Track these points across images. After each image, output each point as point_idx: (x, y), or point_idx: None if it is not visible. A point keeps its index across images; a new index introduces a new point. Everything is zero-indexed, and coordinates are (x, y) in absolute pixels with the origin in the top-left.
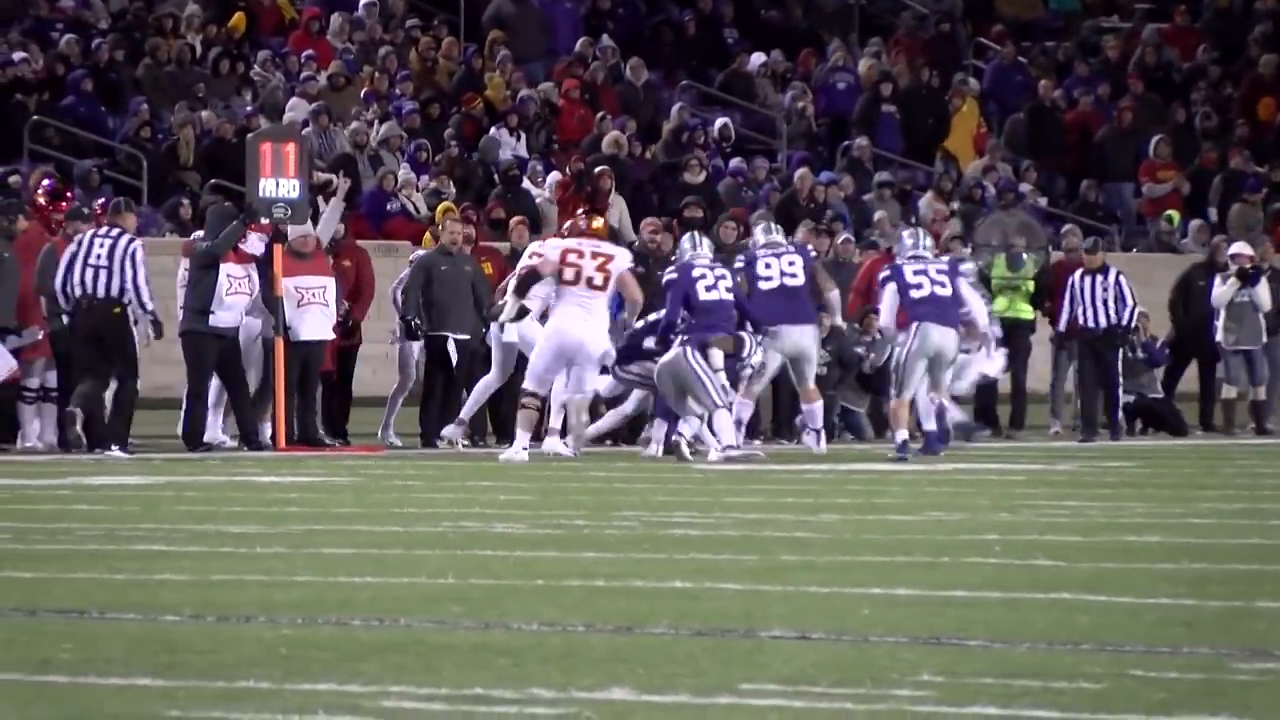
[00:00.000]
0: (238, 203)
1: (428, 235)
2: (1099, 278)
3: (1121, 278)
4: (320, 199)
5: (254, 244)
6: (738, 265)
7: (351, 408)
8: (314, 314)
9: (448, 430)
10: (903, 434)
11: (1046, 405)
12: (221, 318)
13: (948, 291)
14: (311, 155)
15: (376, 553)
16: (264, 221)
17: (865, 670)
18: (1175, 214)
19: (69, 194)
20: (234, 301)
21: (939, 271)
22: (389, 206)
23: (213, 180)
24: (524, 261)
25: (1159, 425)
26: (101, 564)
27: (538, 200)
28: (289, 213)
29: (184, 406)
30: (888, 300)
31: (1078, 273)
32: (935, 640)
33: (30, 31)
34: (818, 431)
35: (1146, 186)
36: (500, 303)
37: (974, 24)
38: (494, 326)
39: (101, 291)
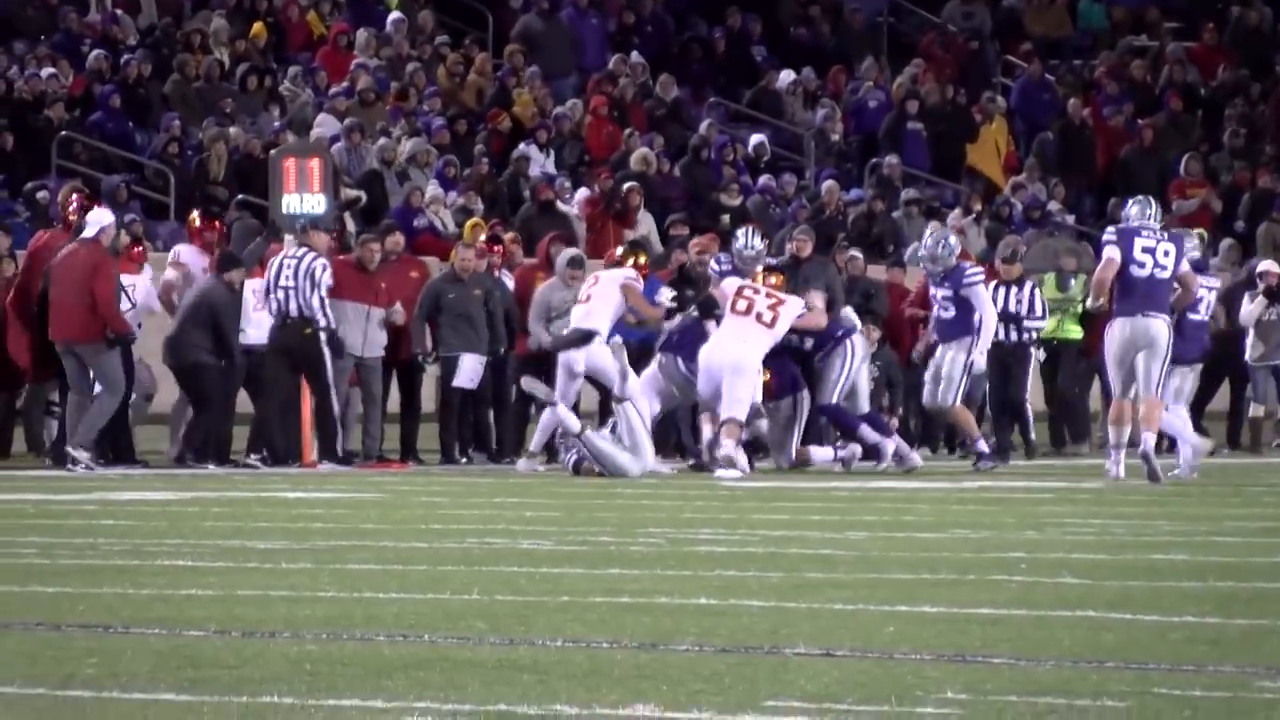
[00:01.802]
0: (264, 219)
1: (455, 252)
2: (1014, 289)
3: (1036, 290)
4: (348, 215)
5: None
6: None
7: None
8: None
9: (521, 464)
10: (982, 443)
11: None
12: (249, 334)
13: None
14: (338, 171)
15: (402, 569)
16: (287, 238)
17: (890, 688)
18: (1204, 232)
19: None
20: (260, 318)
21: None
22: (416, 223)
23: (239, 196)
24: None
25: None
26: (127, 579)
27: (572, 217)
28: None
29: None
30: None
31: (991, 284)
32: (960, 658)
33: (59, 47)
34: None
35: (1176, 203)
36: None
37: (1002, 42)
38: (565, 356)
39: (294, 311)
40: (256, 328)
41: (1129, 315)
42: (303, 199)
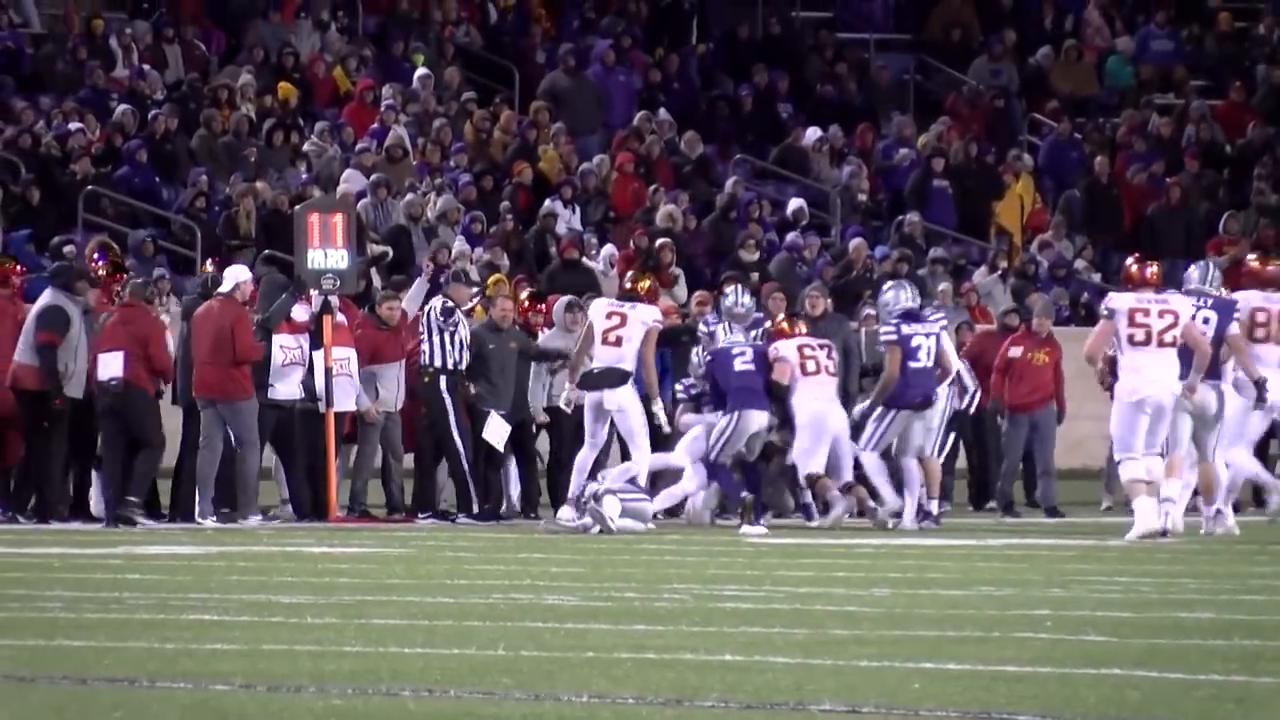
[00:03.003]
0: (290, 273)
1: (479, 307)
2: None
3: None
4: (376, 270)
5: (298, 312)
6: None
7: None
8: (343, 384)
9: (563, 512)
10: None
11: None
12: (279, 389)
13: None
14: (365, 227)
15: (427, 623)
16: (312, 294)
17: None
18: None
19: (125, 264)
20: (289, 372)
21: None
22: (442, 279)
23: (265, 251)
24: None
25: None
26: (153, 633)
27: (598, 272)
28: (338, 284)
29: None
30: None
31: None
32: (986, 715)
33: (86, 101)
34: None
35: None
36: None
37: (1029, 100)
38: (594, 396)
39: (424, 360)
40: (284, 382)
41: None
42: (326, 254)
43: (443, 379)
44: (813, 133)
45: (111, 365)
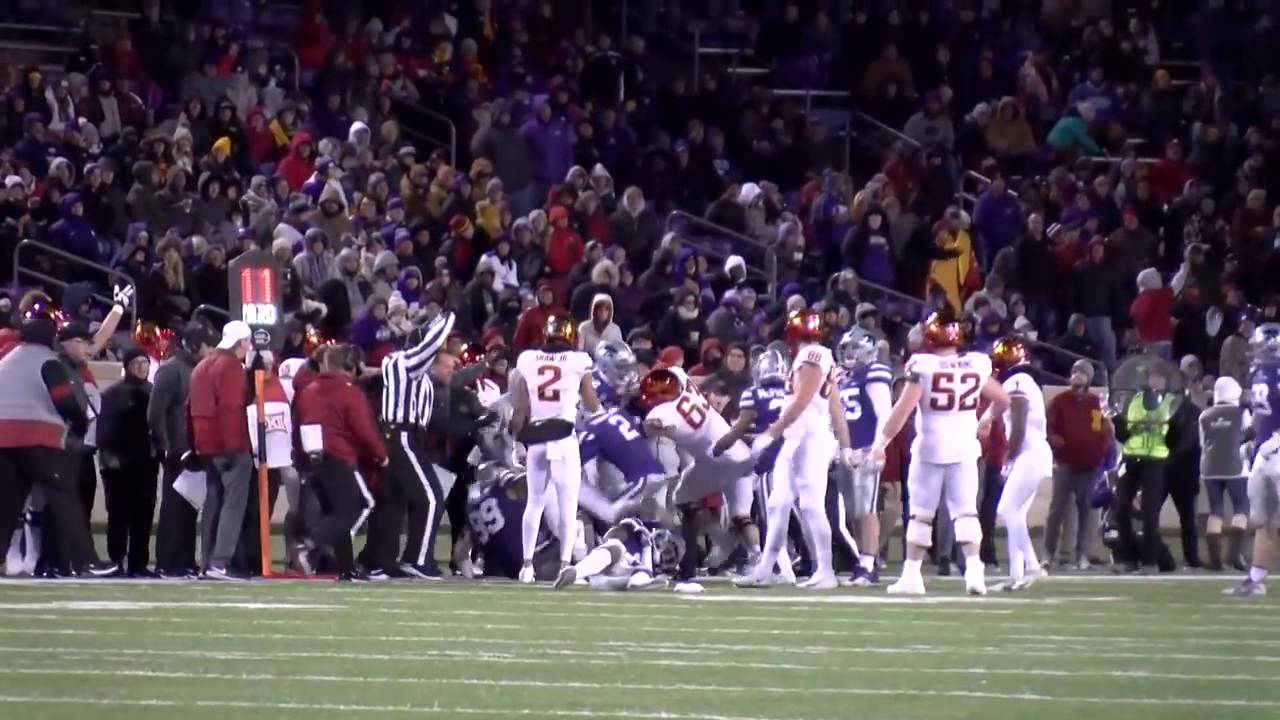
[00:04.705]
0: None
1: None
2: None
3: None
4: (310, 326)
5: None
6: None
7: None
8: (278, 440)
9: (524, 573)
10: (869, 560)
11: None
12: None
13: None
14: (300, 282)
15: (362, 680)
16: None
17: None
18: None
19: (57, 316)
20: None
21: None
22: (379, 334)
23: (201, 306)
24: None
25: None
26: (88, 688)
27: None
28: (268, 338)
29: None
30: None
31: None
32: None
33: (22, 154)
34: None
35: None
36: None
37: (965, 157)
38: (537, 448)
39: (385, 413)
40: None
41: None
42: (258, 309)
43: (404, 435)
44: (749, 189)
45: (312, 438)
